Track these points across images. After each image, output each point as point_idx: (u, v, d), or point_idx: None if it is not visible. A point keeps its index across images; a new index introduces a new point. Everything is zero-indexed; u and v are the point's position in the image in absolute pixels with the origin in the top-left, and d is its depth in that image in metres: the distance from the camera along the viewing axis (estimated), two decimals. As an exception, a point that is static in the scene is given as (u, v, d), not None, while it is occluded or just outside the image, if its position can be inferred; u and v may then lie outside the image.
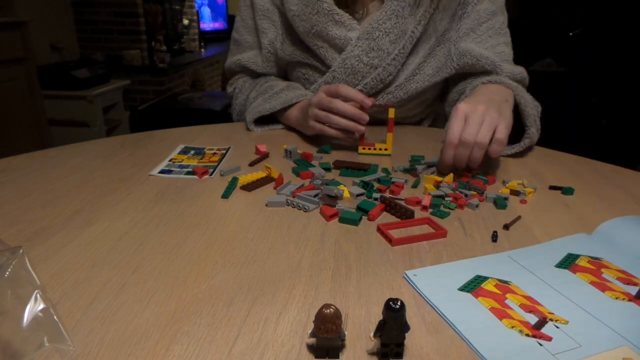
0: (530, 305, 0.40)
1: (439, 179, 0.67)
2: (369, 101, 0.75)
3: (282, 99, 0.90)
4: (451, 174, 0.68)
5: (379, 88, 0.90)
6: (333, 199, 0.59)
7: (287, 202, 0.60)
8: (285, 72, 1.03)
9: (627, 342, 0.36)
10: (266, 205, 0.59)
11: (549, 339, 0.36)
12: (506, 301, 0.41)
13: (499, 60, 0.88)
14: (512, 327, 0.38)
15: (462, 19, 0.90)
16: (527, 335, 0.37)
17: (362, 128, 0.77)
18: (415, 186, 0.66)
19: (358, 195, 0.62)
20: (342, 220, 0.55)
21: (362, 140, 0.80)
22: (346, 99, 0.77)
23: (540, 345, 0.36)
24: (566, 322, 0.38)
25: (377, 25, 0.86)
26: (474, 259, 0.48)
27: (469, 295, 0.42)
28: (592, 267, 0.47)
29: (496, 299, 0.41)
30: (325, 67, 0.92)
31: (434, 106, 1.03)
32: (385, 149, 0.81)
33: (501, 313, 0.39)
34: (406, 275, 0.45)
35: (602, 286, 0.43)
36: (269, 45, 0.97)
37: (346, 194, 0.62)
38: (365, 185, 0.64)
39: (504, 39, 0.92)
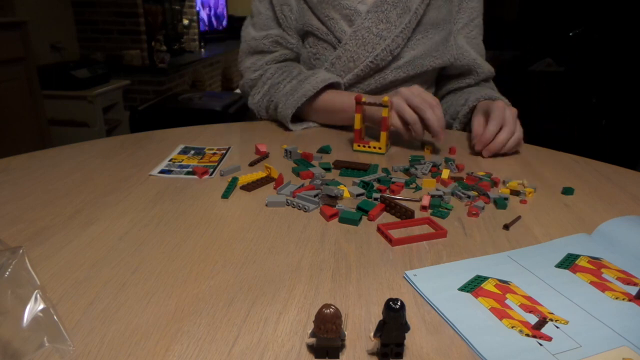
0: (530, 306, 0.40)
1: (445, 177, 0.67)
2: (442, 135, 0.79)
3: (318, 80, 0.90)
4: (447, 171, 0.69)
5: (388, 60, 0.94)
6: (333, 199, 0.59)
7: (287, 202, 0.60)
8: (299, 44, 1.02)
9: (627, 342, 0.36)
10: (266, 205, 0.59)
11: (549, 339, 0.36)
12: (506, 301, 0.41)
13: (480, 60, 1.03)
14: (512, 327, 0.38)
15: (459, 12, 1.01)
16: (527, 335, 0.37)
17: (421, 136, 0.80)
18: (409, 184, 0.66)
19: (358, 195, 0.62)
20: (342, 220, 0.55)
21: (357, 137, 0.82)
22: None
23: (540, 345, 0.36)
24: (566, 322, 0.38)
25: None
26: (474, 259, 0.48)
27: (469, 295, 0.42)
28: (592, 267, 0.47)
29: (496, 299, 0.41)
30: (335, 40, 0.96)
31: (430, 91, 1.08)
32: (380, 148, 0.81)
33: (501, 313, 0.39)
34: (406, 275, 0.45)
35: (602, 286, 0.43)
36: (289, 14, 0.98)
37: (346, 194, 0.62)
38: (365, 185, 0.64)
39: (481, 37, 1.06)
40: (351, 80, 0.97)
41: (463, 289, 0.42)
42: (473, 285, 0.43)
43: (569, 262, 0.47)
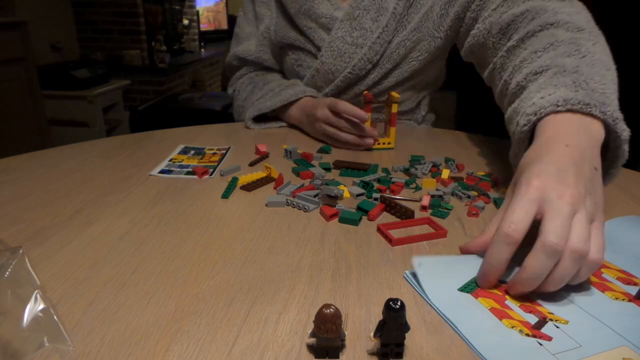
0: (530, 306, 0.40)
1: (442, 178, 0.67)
2: (365, 115, 0.78)
3: (282, 97, 0.92)
4: (447, 171, 0.69)
5: (367, 69, 0.90)
6: (333, 199, 0.59)
7: (287, 202, 0.60)
8: (278, 59, 1.06)
9: (627, 342, 0.36)
10: (266, 205, 0.59)
11: (549, 338, 0.36)
12: (506, 302, 0.41)
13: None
14: (512, 327, 0.38)
15: None
16: (527, 335, 0.37)
17: (370, 142, 0.81)
18: (409, 184, 0.66)
19: (358, 195, 0.62)
20: (342, 220, 0.55)
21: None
22: (347, 114, 0.80)
23: (540, 345, 0.36)
24: (566, 322, 0.38)
25: (357, 3, 0.88)
26: (476, 256, 0.48)
27: (468, 295, 0.42)
28: None
29: (496, 299, 0.41)
30: (315, 49, 0.94)
31: (427, 90, 1.05)
32: (389, 143, 0.83)
33: (501, 313, 0.39)
34: (406, 275, 0.44)
35: (602, 286, 0.43)
36: (264, 30, 1.01)
37: (346, 194, 0.62)
38: (365, 185, 0.64)
39: None
40: (333, 91, 0.94)
41: (463, 289, 0.42)
42: (473, 286, 0.43)
43: None
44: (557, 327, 0.38)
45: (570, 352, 0.35)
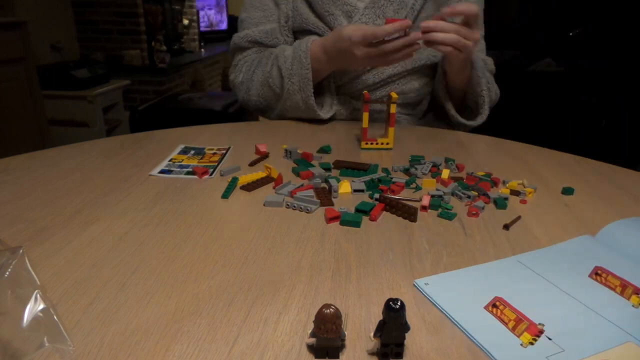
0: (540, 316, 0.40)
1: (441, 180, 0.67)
2: (406, 21, 0.81)
3: (302, 63, 0.89)
4: (447, 171, 0.69)
5: None
6: (327, 193, 0.59)
7: (287, 205, 0.59)
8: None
9: (632, 338, 0.36)
10: (264, 205, 0.59)
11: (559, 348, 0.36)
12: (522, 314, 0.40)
13: (480, 53, 1.01)
14: (522, 335, 0.37)
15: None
16: (534, 340, 0.36)
17: (417, 46, 0.84)
18: (409, 184, 0.66)
19: (357, 190, 0.62)
20: (344, 223, 0.55)
21: (365, 136, 0.82)
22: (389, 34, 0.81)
23: (550, 339, 0.36)
24: (579, 328, 0.38)
25: None
26: (482, 266, 0.47)
27: (485, 311, 0.41)
28: (609, 274, 0.46)
29: (515, 315, 0.40)
30: None
31: (430, 87, 1.07)
32: (387, 143, 0.83)
33: (515, 326, 0.38)
34: (416, 284, 0.44)
35: (626, 292, 0.43)
36: (284, 19, 1.00)
37: (347, 189, 0.62)
38: (368, 184, 0.65)
39: (481, 32, 1.04)
40: (349, 76, 0.97)
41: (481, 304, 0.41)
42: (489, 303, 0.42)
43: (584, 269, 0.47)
44: (568, 332, 0.37)
45: (576, 351, 0.35)
